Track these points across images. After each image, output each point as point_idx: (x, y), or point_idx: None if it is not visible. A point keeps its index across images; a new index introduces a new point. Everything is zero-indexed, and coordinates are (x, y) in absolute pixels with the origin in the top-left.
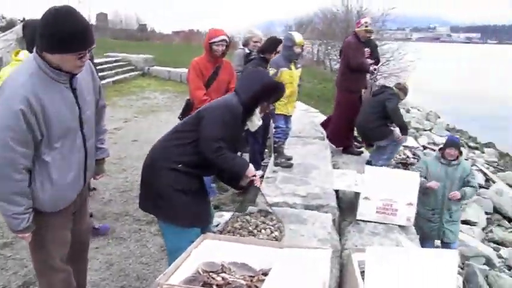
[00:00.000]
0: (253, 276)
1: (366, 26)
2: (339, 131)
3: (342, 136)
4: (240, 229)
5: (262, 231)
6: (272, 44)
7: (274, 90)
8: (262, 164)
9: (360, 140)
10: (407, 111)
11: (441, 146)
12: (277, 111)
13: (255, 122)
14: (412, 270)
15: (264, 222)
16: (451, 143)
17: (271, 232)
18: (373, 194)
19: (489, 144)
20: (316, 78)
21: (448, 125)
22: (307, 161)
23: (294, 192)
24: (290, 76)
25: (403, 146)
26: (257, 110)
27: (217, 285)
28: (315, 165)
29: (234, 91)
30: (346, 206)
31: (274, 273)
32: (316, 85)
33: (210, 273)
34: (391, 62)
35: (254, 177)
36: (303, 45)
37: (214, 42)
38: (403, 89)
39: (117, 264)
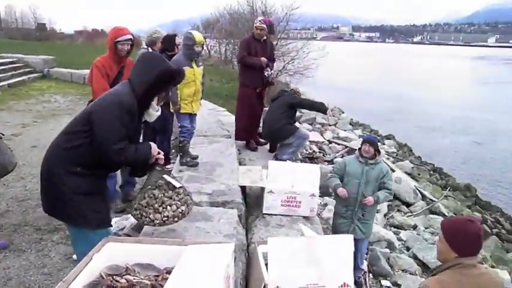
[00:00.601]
0: (158, 276)
1: (257, 25)
2: (238, 124)
3: (241, 129)
4: (146, 207)
5: (168, 207)
6: (169, 41)
7: (170, 79)
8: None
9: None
10: None
11: (360, 145)
12: (182, 111)
13: (152, 113)
14: (312, 256)
15: (170, 198)
16: (366, 140)
17: (177, 208)
18: (277, 188)
19: (389, 136)
20: (224, 77)
21: (352, 119)
22: (212, 160)
23: (199, 190)
24: (192, 74)
25: (309, 141)
26: (154, 102)
27: (121, 287)
28: (220, 163)
29: (128, 79)
30: (253, 201)
31: (177, 271)
32: (224, 84)
33: (114, 277)
34: (296, 60)
35: (159, 156)
36: (203, 44)
37: (120, 41)
38: (297, 93)
39: (16, 278)
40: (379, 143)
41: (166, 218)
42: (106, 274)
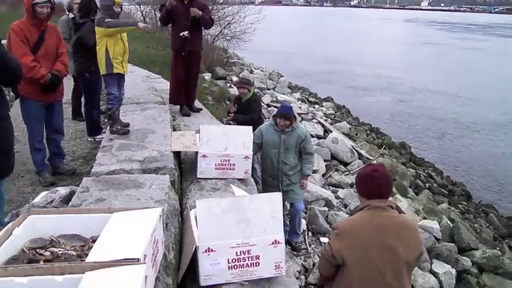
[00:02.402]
0: (84, 246)
1: None
2: (170, 89)
3: (172, 93)
4: None
5: None
6: (85, 6)
7: None
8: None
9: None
10: (251, 71)
11: (274, 113)
12: (115, 70)
13: None
14: (241, 215)
15: None
16: (281, 113)
17: None
18: (210, 151)
19: (328, 99)
20: (160, 44)
21: (290, 83)
22: (145, 127)
23: (131, 158)
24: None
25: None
26: None
27: (45, 260)
28: (152, 130)
29: None
30: (188, 167)
31: (102, 239)
32: (160, 51)
33: (37, 250)
34: (233, 25)
35: None
36: (121, 4)
37: (38, 3)
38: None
39: None
40: (317, 105)
41: None
42: (28, 248)
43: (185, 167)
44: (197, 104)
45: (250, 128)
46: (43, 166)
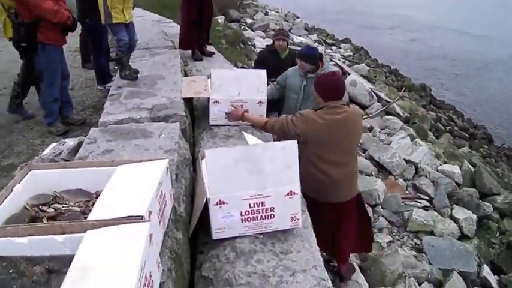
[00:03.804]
0: (89, 201)
1: None
2: (180, 32)
3: (183, 38)
4: None
5: None
6: None
7: None
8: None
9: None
10: (266, 13)
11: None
12: (114, 20)
13: None
14: (254, 166)
15: None
16: (304, 55)
17: None
18: (223, 97)
19: (345, 40)
20: None
21: (306, 24)
22: (154, 73)
23: (139, 106)
24: None
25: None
26: None
27: (48, 217)
28: (162, 76)
29: None
30: (201, 114)
31: (105, 194)
32: None
33: (40, 207)
34: None
35: None
36: None
37: None
38: None
39: None
40: (334, 47)
41: None
42: (31, 205)
43: (197, 114)
44: (210, 48)
45: (264, 71)
46: (57, 116)
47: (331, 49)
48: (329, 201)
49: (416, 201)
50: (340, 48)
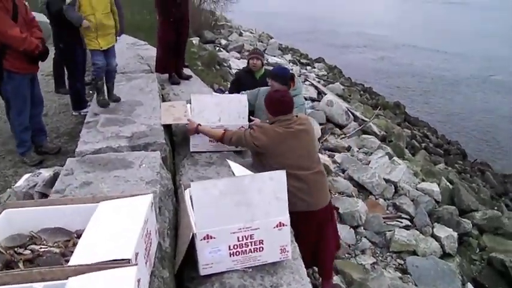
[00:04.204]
0: (69, 241)
1: None
2: (156, 56)
3: (158, 61)
4: None
5: None
6: None
7: None
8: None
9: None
10: (240, 34)
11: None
12: (89, 47)
13: None
14: (242, 197)
15: None
16: (275, 75)
17: None
18: (203, 123)
19: (319, 60)
20: (146, 8)
21: (281, 44)
22: (131, 98)
23: (117, 134)
24: (89, 5)
25: (238, 69)
26: None
27: (25, 260)
28: (140, 102)
29: None
30: (181, 140)
31: (87, 234)
32: (145, 16)
33: (16, 249)
34: None
35: None
36: None
37: None
38: None
39: None
40: (309, 67)
41: None
42: (5, 248)
43: (177, 140)
44: (186, 71)
45: (245, 96)
46: (31, 145)
47: (306, 69)
48: (308, 209)
49: (397, 221)
50: (314, 67)
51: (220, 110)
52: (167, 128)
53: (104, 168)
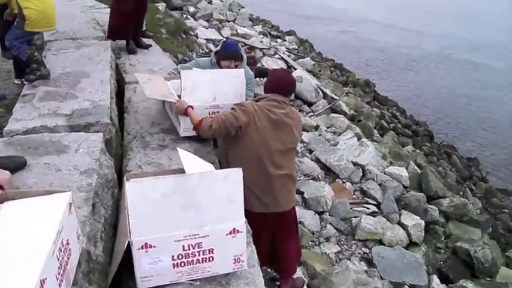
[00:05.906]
0: None
1: None
2: (110, 22)
3: (113, 28)
4: None
5: None
6: None
7: None
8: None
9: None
10: (210, 2)
11: (217, 48)
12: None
13: None
14: (189, 199)
15: None
16: (229, 53)
17: None
18: (197, 102)
19: (290, 32)
20: None
21: (251, 15)
22: (78, 69)
23: (55, 111)
24: None
25: (205, 39)
26: None
27: None
28: (87, 73)
29: None
30: (132, 117)
31: None
32: None
33: None
34: None
35: None
36: None
37: None
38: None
39: None
40: (279, 40)
41: None
42: None
43: (128, 118)
44: (148, 40)
45: (242, 70)
46: None
47: (276, 41)
48: (271, 210)
49: (364, 207)
50: (285, 40)
51: (215, 87)
52: (118, 101)
53: (34, 153)
